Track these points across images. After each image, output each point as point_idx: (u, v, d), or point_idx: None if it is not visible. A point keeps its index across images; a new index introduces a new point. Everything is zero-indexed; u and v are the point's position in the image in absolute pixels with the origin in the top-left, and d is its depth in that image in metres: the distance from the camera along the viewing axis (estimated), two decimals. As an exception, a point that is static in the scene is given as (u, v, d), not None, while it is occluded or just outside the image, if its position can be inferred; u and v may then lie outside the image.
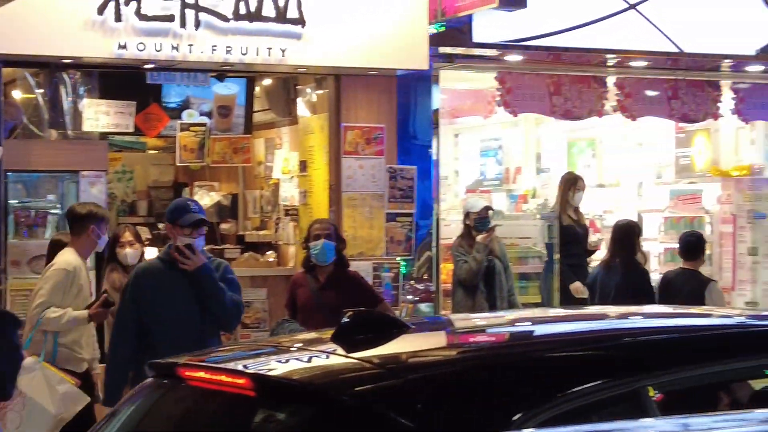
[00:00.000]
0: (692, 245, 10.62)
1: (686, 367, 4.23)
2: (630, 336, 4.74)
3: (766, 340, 4.63)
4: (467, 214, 10.93)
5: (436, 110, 11.61)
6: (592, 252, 11.95)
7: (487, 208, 11.02)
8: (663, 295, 10.41)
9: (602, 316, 5.68)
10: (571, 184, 11.91)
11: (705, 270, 13.35)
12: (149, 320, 7.20)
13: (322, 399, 3.79)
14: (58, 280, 8.17)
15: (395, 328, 4.39)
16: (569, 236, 11.70)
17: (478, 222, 10.79)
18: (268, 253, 12.60)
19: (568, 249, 11.67)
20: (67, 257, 8.32)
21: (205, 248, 7.44)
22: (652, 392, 4.16)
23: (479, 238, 10.62)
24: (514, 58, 11.60)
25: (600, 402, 4.00)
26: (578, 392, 3.92)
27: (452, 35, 11.10)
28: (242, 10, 10.27)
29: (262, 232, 13.49)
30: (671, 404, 4.29)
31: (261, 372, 4.08)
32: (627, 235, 10.82)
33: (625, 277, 10.56)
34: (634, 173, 14.84)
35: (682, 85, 12.41)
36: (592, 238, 12.51)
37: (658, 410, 4.10)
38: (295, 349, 4.59)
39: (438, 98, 11.65)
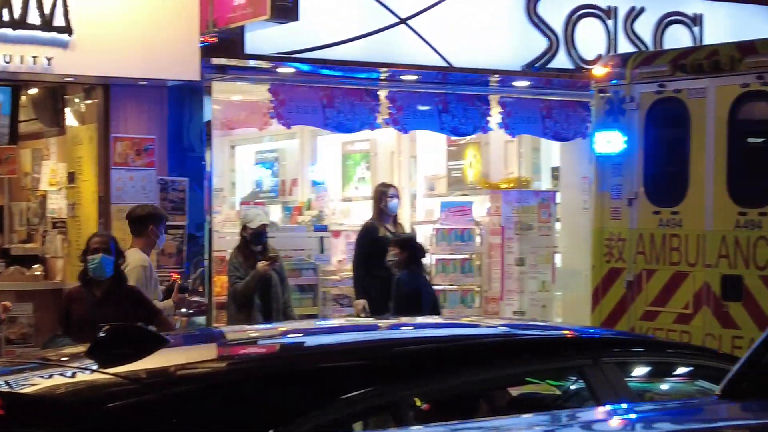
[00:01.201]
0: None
1: (451, 375, 4.30)
2: (395, 345, 4.79)
3: (529, 349, 4.77)
4: (244, 227, 10.86)
5: (209, 122, 11.50)
6: None
7: (264, 225, 10.91)
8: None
9: (372, 327, 5.72)
10: (381, 193, 11.84)
11: (475, 280, 13.70)
12: None
13: (73, 415, 3.68)
14: (139, 277, 8.70)
15: (154, 343, 4.31)
16: (381, 248, 11.24)
17: (254, 237, 10.73)
18: (34, 266, 12.22)
19: (380, 261, 11.15)
20: (138, 255, 8.83)
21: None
22: (418, 401, 4.21)
23: (260, 266, 10.50)
24: (286, 70, 11.60)
25: (364, 411, 4.01)
26: (341, 402, 3.92)
27: (224, 46, 11.02)
28: (5, 17, 9.95)
29: (28, 245, 13.09)
30: (438, 411, 4.35)
31: (7, 389, 3.93)
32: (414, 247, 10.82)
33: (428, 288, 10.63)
34: (407, 186, 15.06)
35: (453, 99, 12.65)
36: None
37: (425, 418, 4.15)
38: (51, 364, 4.45)
39: (210, 110, 11.54)
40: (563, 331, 5.66)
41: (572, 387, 4.74)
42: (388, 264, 10.79)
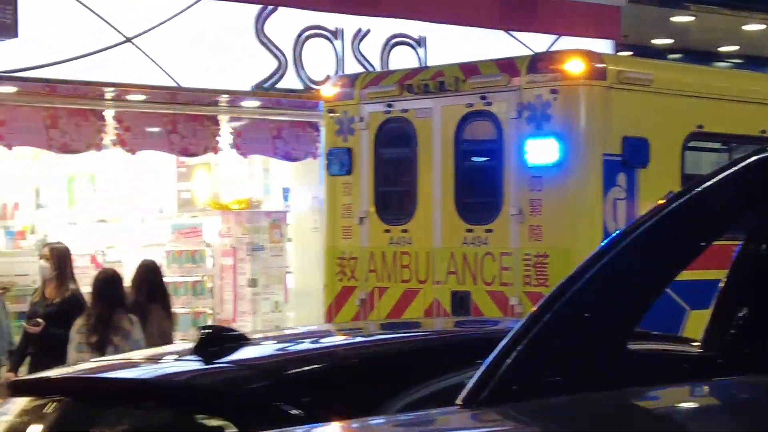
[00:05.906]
0: None
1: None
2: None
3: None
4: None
5: None
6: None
7: None
8: None
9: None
10: None
11: (207, 302, 13.52)
12: None
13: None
14: None
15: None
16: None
17: None
18: None
19: None
20: None
21: None
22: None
23: None
24: (6, 89, 11.17)
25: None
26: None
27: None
28: None
29: None
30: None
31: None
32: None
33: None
34: (136, 208, 14.77)
35: (182, 120, 12.48)
36: None
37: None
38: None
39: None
40: None
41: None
42: None
